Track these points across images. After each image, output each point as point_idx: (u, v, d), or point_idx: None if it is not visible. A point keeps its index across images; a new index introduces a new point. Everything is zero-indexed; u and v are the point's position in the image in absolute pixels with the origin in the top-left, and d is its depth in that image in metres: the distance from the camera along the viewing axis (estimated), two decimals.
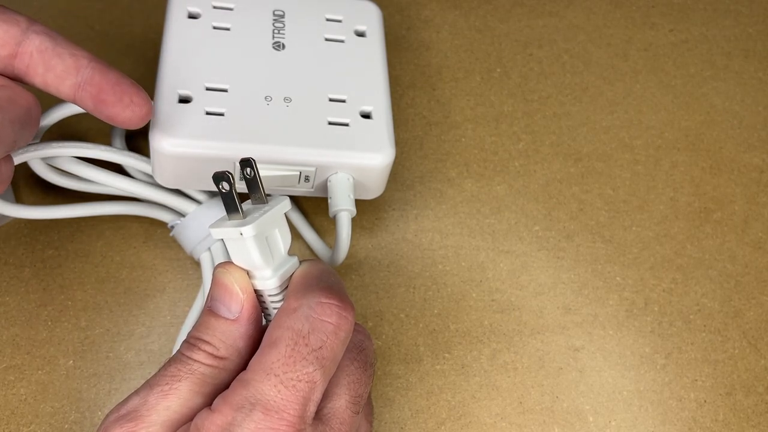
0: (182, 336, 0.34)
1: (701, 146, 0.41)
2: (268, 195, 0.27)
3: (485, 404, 0.33)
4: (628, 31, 0.46)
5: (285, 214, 0.27)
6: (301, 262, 0.27)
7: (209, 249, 0.34)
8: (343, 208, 0.32)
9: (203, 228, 0.34)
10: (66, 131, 0.37)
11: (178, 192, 0.35)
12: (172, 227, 0.35)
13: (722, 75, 0.44)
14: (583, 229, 0.38)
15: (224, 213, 0.30)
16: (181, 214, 0.35)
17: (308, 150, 0.32)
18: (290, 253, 0.27)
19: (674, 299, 0.36)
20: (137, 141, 0.38)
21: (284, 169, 0.32)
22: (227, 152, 0.31)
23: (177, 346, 0.31)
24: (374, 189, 0.35)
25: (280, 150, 0.32)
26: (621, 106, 0.43)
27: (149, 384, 0.24)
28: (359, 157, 0.33)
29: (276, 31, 0.36)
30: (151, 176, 0.35)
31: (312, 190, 0.34)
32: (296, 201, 0.38)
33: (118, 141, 0.37)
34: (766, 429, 0.33)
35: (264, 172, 0.32)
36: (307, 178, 0.33)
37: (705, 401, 0.34)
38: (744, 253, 0.38)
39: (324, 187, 0.34)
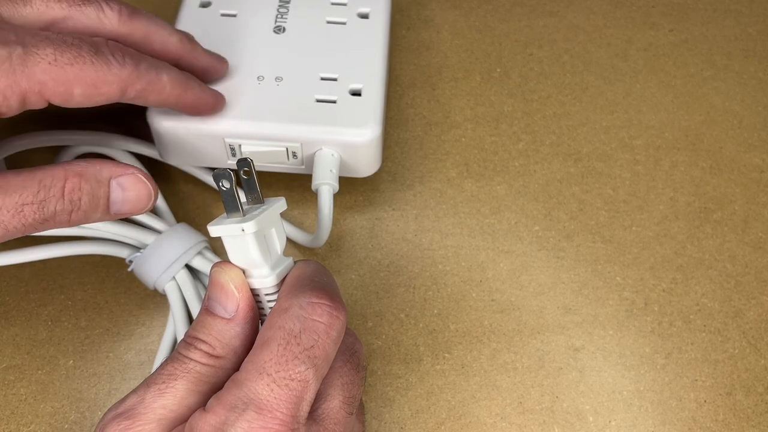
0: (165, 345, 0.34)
1: (701, 146, 0.41)
2: (265, 198, 0.27)
3: (485, 404, 0.33)
4: (628, 31, 0.46)
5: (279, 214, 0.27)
6: (295, 262, 0.27)
7: (174, 278, 0.33)
8: (324, 182, 0.33)
9: (166, 257, 0.33)
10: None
11: (134, 223, 0.34)
12: (131, 262, 0.34)
13: (722, 75, 0.44)
14: (583, 229, 0.38)
15: (189, 242, 0.33)
16: (138, 247, 0.34)
17: (292, 126, 0.33)
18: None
19: (674, 299, 0.36)
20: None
21: (271, 145, 0.33)
22: (214, 128, 0.33)
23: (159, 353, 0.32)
24: (364, 166, 0.35)
25: (265, 126, 0.33)
26: (621, 106, 0.43)
27: (146, 383, 0.24)
28: (342, 133, 0.33)
29: (279, 16, 0.37)
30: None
31: (303, 167, 0.35)
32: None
33: None
34: (766, 429, 0.33)
35: (252, 147, 0.33)
36: (294, 154, 0.34)
37: (705, 401, 0.34)
38: (744, 253, 0.38)
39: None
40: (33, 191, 0.25)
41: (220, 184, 0.24)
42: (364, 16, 0.38)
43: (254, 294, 0.25)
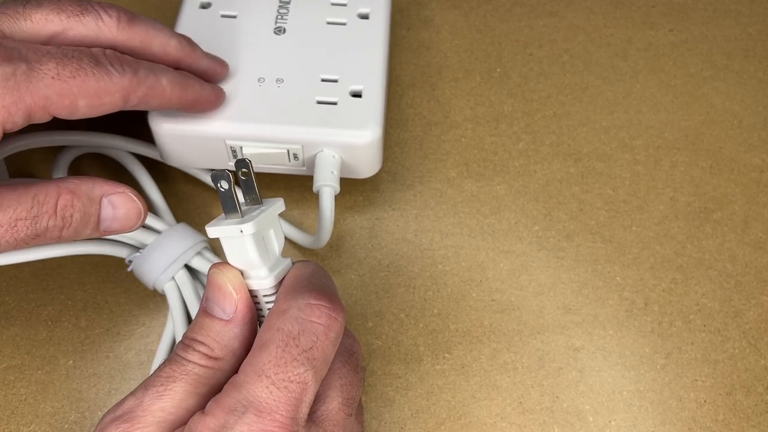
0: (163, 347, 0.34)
1: (701, 146, 0.41)
2: (263, 198, 0.27)
3: (485, 404, 0.33)
4: (628, 31, 0.46)
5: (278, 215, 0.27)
6: (294, 263, 0.27)
7: (173, 278, 0.33)
8: (325, 184, 0.33)
9: (166, 257, 0.33)
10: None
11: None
12: (130, 262, 0.34)
13: (722, 75, 0.44)
14: (583, 229, 0.38)
15: (188, 242, 0.33)
16: (138, 247, 0.34)
17: (293, 128, 0.33)
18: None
19: (674, 299, 0.36)
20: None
21: (271, 147, 0.33)
22: (215, 130, 0.33)
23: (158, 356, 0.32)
24: (364, 167, 0.35)
25: (266, 128, 0.33)
26: (621, 106, 0.43)
27: (145, 385, 0.24)
28: (343, 135, 0.33)
29: (279, 17, 0.37)
30: None
31: (304, 168, 0.35)
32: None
33: (61, 172, 0.36)
34: (766, 429, 0.33)
35: (253, 149, 0.33)
36: (295, 156, 0.34)
37: (705, 401, 0.34)
38: (744, 253, 0.38)
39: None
40: (27, 207, 0.25)
41: (219, 185, 0.24)
42: (364, 17, 0.38)
43: (252, 295, 0.25)
